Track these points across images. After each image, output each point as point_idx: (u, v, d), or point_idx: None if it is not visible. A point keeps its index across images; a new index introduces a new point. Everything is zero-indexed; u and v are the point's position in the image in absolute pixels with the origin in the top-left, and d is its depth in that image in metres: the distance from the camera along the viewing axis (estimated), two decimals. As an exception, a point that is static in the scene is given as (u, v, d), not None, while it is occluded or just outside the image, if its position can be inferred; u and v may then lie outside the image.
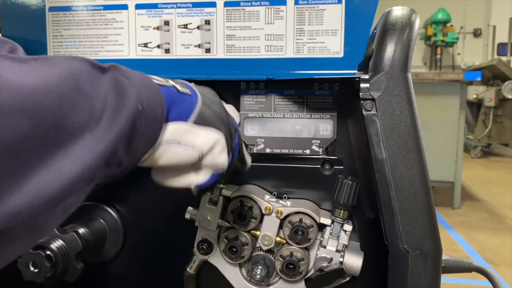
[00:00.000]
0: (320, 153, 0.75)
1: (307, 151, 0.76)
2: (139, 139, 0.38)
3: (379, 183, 0.58)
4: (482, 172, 5.75)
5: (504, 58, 6.80)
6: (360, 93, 0.57)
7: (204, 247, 0.73)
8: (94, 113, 0.34)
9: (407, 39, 0.57)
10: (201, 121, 0.46)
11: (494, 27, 7.60)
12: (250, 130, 0.79)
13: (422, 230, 0.58)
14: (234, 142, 0.53)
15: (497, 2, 8.06)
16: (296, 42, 0.79)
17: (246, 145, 0.78)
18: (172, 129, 0.43)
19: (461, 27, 7.74)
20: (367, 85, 0.57)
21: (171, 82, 0.47)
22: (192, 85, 0.51)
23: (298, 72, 0.79)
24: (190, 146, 0.44)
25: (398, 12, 0.59)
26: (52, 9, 0.85)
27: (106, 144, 0.35)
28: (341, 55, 0.78)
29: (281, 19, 0.79)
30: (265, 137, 0.78)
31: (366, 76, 0.58)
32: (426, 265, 0.58)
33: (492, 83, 6.40)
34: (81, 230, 0.77)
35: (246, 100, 0.79)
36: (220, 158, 0.47)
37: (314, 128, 0.76)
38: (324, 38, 0.78)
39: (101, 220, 0.84)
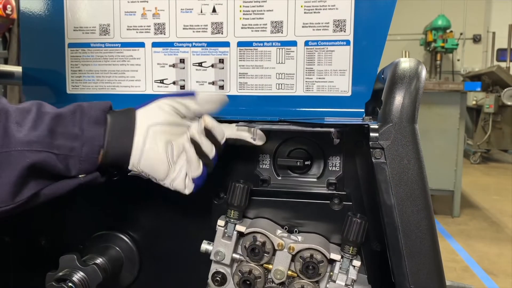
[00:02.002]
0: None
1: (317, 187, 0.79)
2: None
3: (388, 227, 0.62)
4: (481, 178, 5.79)
5: (503, 64, 6.85)
6: (370, 142, 0.61)
7: (218, 279, 0.77)
8: None
9: (414, 90, 0.61)
10: None
11: (494, 33, 7.65)
12: (262, 165, 0.83)
13: (428, 272, 0.61)
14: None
15: (497, 9, 8.11)
16: (306, 81, 0.83)
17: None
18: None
19: (461, 33, 7.78)
20: (377, 134, 0.61)
21: None
22: None
23: (309, 110, 0.82)
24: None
25: (405, 64, 0.63)
26: (71, 45, 0.89)
27: None
28: (349, 94, 0.81)
29: (291, 59, 0.83)
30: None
31: (376, 126, 0.62)
32: (432, 305, 0.61)
33: (492, 90, 6.45)
34: (101, 261, 0.80)
35: (259, 137, 0.83)
36: None
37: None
38: (333, 78, 0.82)
39: (117, 248, 0.88)
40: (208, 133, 0.67)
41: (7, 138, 0.55)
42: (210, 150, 0.67)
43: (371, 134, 0.61)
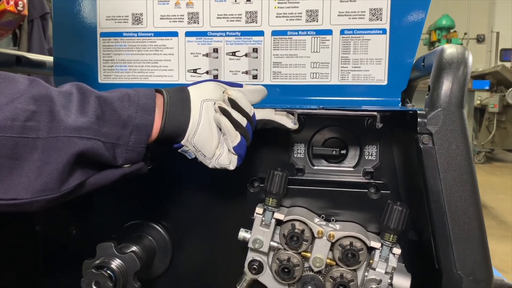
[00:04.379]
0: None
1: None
2: None
3: (435, 213, 0.62)
4: (486, 178, 5.78)
5: (507, 64, 6.85)
6: (418, 128, 0.61)
7: (255, 267, 0.77)
8: None
9: (462, 76, 0.61)
10: None
11: (498, 33, 7.66)
12: (296, 155, 0.83)
13: (476, 258, 0.61)
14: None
15: (500, 9, 8.11)
16: (341, 70, 0.83)
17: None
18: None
19: (465, 33, 7.79)
20: (425, 120, 0.61)
21: None
22: None
23: (344, 99, 0.82)
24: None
25: (452, 49, 0.63)
26: (103, 34, 0.89)
27: None
28: (385, 82, 0.81)
29: (326, 48, 0.83)
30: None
31: (423, 111, 0.62)
32: (479, 291, 0.61)
33: (496, 89, 6.44)
34: (137, 249, 0.80)
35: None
36: None
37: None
38: (369, 67, 0.82)
39: (150, 238, 0.87)
40: (235, 105, 0.66)
41: (56, 123, 0.53)
42: (241, 119, 0.66)
43: (419, 120, 0.61)
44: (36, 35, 2.94)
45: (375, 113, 0.66)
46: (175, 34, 0.87)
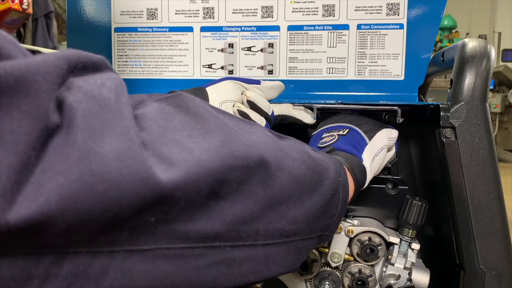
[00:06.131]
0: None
1: (371, 171, 0.79)
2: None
3: (457, 207, 0.61)
4: (488, 178, 5.78)
5: (509, 64, 6.86)
6: (441, 121, 0.61)
7: (272, 263, 0.76)
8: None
9: (485, 70, 0.60)
10: (370, 135, 0.63)
11: (500, 33, 7.66)
12: (313, 150, 0.82)
13: (498, 252, 0.61)
14: None
15: (502, 9, 8.12)
16: (358, 65, 0.82)
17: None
18: (367, 153, 0.61)
19: (467, 33, 7.79)
20: (448, 113, 0.60)
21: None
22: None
23: (360, 94, 0.82)
24: (382, 150, 0.63)
25: (474, 43, 0.62)
26: (117, 29, 0.88)
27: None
28: (402, 78, 0.81)
29: (343, 42, 0.82)
30: (329, 156, 0.81)
31: (445, 105, 0.61)
32: (502, 285, 0.61)
33: (498, 90, 6.45)
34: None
35: (311, 121, 0.82)
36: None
37: (378, 149, 0.79)
38: (386, 62, 0.81)
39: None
40: (253, 106, 0.66)
41: None
42: (260, 121, 0.66)
43: (442, 113, 0.61)
44: (41, 34, 2.93)
45: (396, 107, 0.65)
46: (190, 29, 0.86)
